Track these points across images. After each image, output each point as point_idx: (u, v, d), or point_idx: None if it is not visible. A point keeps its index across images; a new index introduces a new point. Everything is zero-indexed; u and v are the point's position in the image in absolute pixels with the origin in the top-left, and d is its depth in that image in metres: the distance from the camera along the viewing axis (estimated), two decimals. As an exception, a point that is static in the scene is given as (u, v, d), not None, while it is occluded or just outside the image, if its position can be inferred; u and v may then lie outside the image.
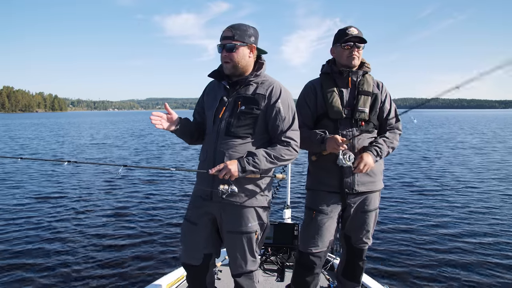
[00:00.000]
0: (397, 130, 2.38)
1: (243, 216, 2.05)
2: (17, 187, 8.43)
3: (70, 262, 4.39)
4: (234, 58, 2.02)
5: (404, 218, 6.12)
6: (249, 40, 2.03)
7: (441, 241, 5.06)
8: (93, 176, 9.79)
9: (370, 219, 2.37)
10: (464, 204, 7.03)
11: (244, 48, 2.03)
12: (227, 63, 2.04)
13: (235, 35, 1.99)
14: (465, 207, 6.77)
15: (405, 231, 5.48)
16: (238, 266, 2.13)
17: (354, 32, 2.24)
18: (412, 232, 5.41)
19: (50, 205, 6.93)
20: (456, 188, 8.45)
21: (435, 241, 5.07)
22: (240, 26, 2.03)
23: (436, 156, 14.16)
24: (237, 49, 2.01)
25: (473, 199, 7.39)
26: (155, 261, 4.49)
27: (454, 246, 4.86)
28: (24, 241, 5.02)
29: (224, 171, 1.91)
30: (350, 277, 2.54)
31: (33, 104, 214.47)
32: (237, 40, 2.00)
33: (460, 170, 10.84)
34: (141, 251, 4.76)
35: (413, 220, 6.01)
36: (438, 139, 22.27)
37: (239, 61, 2.03)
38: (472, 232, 5.42)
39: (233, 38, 2.00)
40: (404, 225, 5.75)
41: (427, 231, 5.47)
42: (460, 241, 5.04)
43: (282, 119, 2.04)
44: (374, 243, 4.87)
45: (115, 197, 7.63)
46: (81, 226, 5.71)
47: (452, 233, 5.37)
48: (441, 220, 6.00)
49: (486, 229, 5.56)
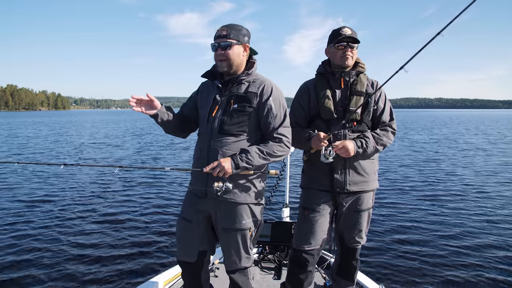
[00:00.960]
0: (390, 128, 2.36)
1: (237, 213, 2.09)
2: (13, 189, 8.39)
3: (67, 260, 4.43)
4: (230, 55, 2.06)
5: (402, 218, 6.13)
6: (243, 39, 2.09)
7: (438, 241, 5.07)
8: (90, 177, 9.82)
9: (363, 218, 2.39)
10: (463, 205, 7.04)
11: (239, 47, 2.08)
12: (222, 61, 2.08)
13: (230, 33, 2.04)
14: (464, 208, 6.78)
15: (403, 231, 5.49)
16: (233, 263, 2.17)
17: (347, 32, 2.26)
18: (410, 233, 5.42)
19: (46, 205, 6.96)
20: (456, 189, 8.44)
21: (432, 241, 5.08)
22: (235, 25, 2.08)
23: (438, 157, 14.16)
24: (232, 47, 2.05)
25: (471, 200, 7.39)
26: (153, 258, 4.53)
27: (451, 246, 4.88)
28: (21, 241, 5.02)
29: (218, 169, 1.95)
30: (344, 275, 2.56)
31: (37, 103, 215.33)
32: (232, 39, 2.05)
33: (462, 172, 10.83)
34: (138, 249, 4.80)
35: (411, 220, 6.02)
36: (444, 140, 22.23)
37: (234, 59, 2.07)
38: (469, 232, 5.43)
39: (228, 36, 2.04)
40: (402, 225, 5.77)
41: (424, 232, 5.48)
42: (458, 242, 5.05)
43: (274, 116, 2.09)
44: (372, 241, 4.93)
45: (112, 197, 7.67)
46: (78, 225, 5.75)
47: (449, 233, 5.38)
48: (439, 220, 6.02)
49: (484, 229, 5.56)
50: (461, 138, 23.42)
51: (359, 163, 2.31)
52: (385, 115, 2.38)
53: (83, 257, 4.51)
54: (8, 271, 4.14)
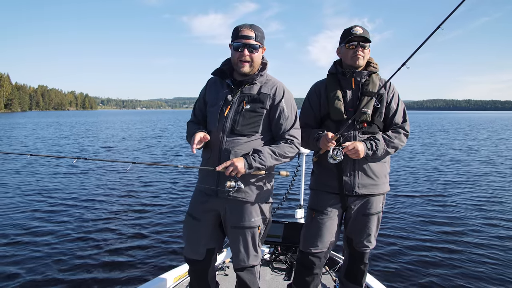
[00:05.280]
0: (402, 130, 2.29)
1: (246, 211, 2.11)
2: (26, 184, 8.71)
3: (77, 254, 4.54)
4: (255, 59, 2.08)
5: (415, 221, 6.00)
6: (264, 42, 2.11)
7: (452, 247, 4.92)
8: (103, 174, 10.13)
9: (372, 222, 2.34)
10: (476, 208, 6.83)
11: (261, 50, 2.12)
12: (246, 62, 2.08)
13: (257, 36, 2.06)
14: (478, 211, 6.60)
15: (417, 235, 5.35)
16: (241, 260, 2.18)
17: (358, 31, 2.21)
18: (423, 237, 5.28)
19: (58, 201, 7.17)
20: (476, 195, 8.14)
21: (447, 247, 4.92)
22: (258, 27, 2.09)
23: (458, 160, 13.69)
24: (258, 50, 2.08)
25: (485, 203, 7.15)
26: (164, 254, 4.61)
27: (465, 253, 4.72)
28: (28, 237, 5.12)
29: (231, 168, 1.96)
30: (352, 279, 2.51)
31: (65, 103, 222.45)
32: (258, 41, 2.07)
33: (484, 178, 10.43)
34: (150, 245, 4.88)
35: (425, 223, 5.88)
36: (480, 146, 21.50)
37: (257, 61, 2.10)
38: (485, 239, 5.23)
39: (256, 38, 2.06)
40: (416, 228, 5.63)
41: (439, 236, 5.34)
42: (473, 248, 4.88)
43: (285, 118, 2.11)
44: (384, 244, 4.83)
45: (126, 193, 7.89)
46: (90, 220, 5.91)
47: (464, 240, 5.21)
48: (456, 225, 5.83)
49: (496, 232, 5.42)
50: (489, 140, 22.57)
51: (368, 166, 2.26)
52: (398, 116, 2.31)
53: (93, 252, 4.60)
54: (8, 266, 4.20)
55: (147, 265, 4.30)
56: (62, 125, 39.29)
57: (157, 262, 4.40)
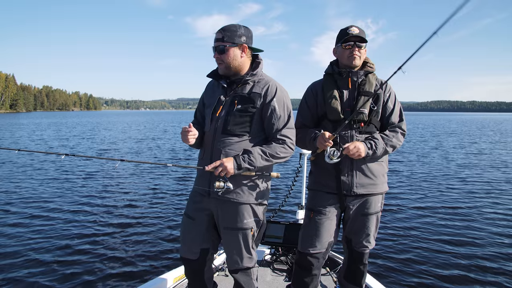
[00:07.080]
0: (399, 129, 2.30)
1: (238, 213, 2.09)
2: (18, 181, 8.84)
3: (77, 255, 4.56)
4: (225, 59, 2.06)
5: (415, 221, 5.98)
6: (239, 41, 2.06)
7: (452, 248, 4.89)
8: (104, 174, 10.16)
9: (371, 222, 2.33)
10: (476, 208, 6.80)
11: (235, 49, 2.07)
12: (219, 64, 2.10)
13: (225, 36, 2.04)
14: (478, 211, 6.58)
15: (417, 235, 5.32)
16: (234, 262, 2.17)
17: (355, 31, 2.22)
18: (423, 237, 5.25)
19: (58, 201, 7.20)
20: (473, 193, 8.10)
21: (447, 248, 4.89)
22: (230, 27, 2.07)
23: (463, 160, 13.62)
24: (228, 50, 2.05)
25: (486, 205, 7.09)
26: (164, 255, 4.61)
27: (465, 255, 4.68)
28: (25, 237, 5.13)
29: (220, 168, 1.97)
30: (352, 280, 2.50)
31: (69, 103, 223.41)
32: (226, 42, 2.04)
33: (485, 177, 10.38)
34: (150, 245, 4.89)
35: (425, 223, 5.85)
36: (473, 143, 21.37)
37: (230, 62, 2.07)
38: (484, 240, 5.20)
39: (223, 40, 2.04)
40: (416, 228, 5.60)
41: (439, 236, 5.31)
42: (472, 249, 4.86)
43: (277, 117, 2.08)
44: (383, 245, 4.81)
45: (126, 193, 7.92)
46: (90, 220, 5.93)
47: (464, 240, 5.19)
48: (456, 226, 5.79)
49: (496, 232, 5.41)
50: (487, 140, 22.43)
51: (366, 165, 2.25)
52: (394, 116, 2.32)
53: (92, 253, 4.60)
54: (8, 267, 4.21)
55: (147, 265, 4.31)
56: (62, 125, 39.46)
57: (157, 262, 4.41)
